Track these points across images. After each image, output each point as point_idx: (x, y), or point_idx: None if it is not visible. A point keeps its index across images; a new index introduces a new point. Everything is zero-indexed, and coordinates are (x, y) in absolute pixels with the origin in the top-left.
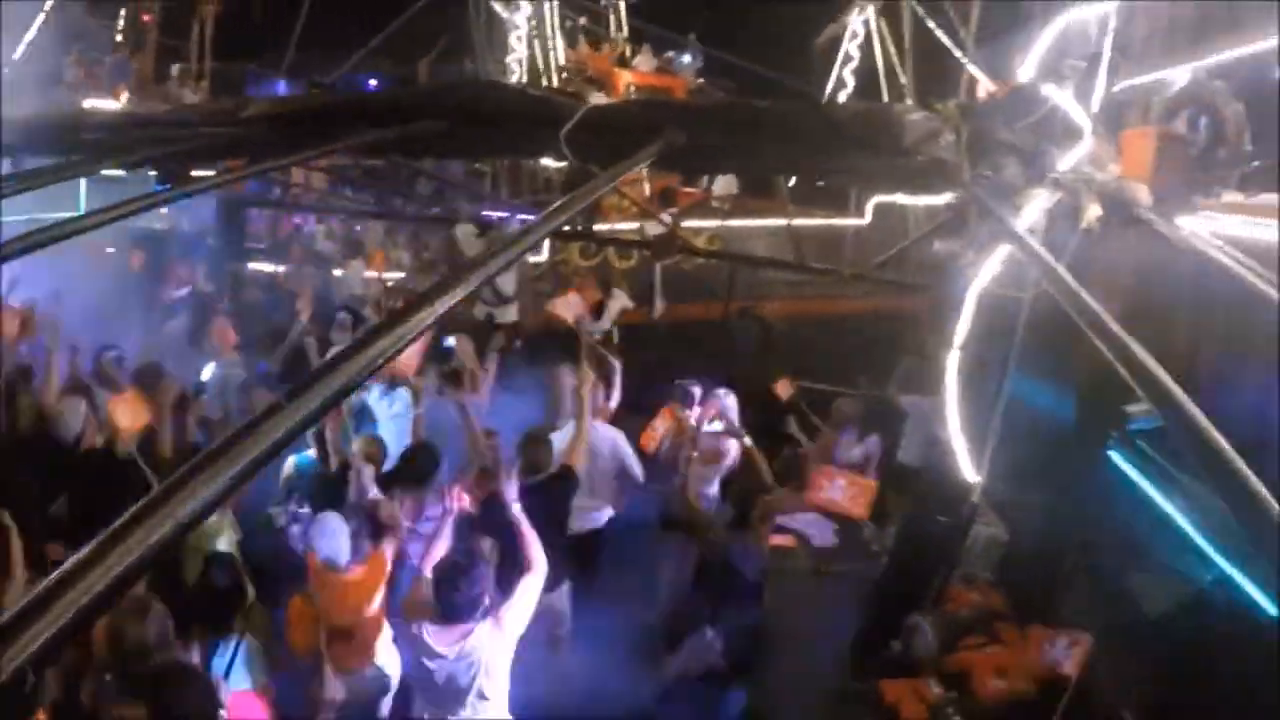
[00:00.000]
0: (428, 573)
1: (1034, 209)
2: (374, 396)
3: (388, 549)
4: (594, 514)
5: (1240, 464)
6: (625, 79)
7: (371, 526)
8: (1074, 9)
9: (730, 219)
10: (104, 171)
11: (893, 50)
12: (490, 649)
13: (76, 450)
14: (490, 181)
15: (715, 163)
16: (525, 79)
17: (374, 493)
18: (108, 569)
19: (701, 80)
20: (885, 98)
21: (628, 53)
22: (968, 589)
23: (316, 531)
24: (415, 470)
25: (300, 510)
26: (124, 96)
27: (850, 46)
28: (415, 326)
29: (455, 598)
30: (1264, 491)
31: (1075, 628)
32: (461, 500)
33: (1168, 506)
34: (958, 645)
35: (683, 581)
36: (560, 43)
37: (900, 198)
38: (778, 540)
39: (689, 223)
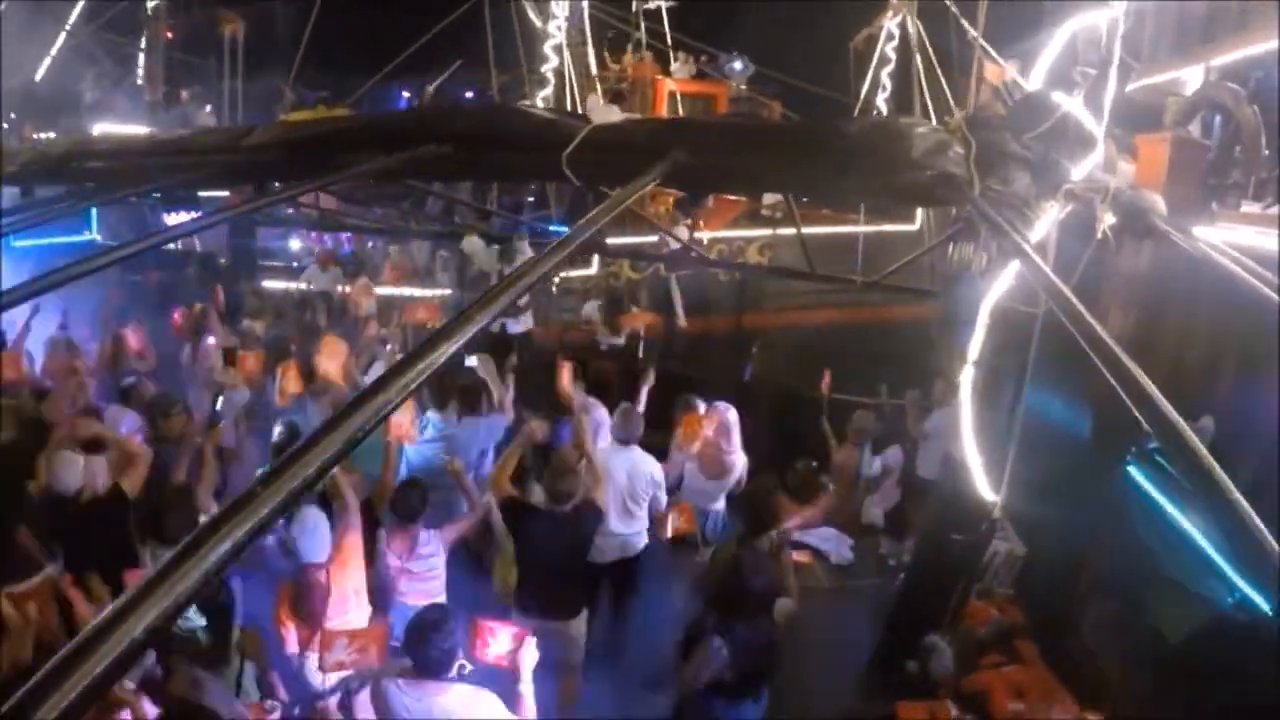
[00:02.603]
0: None
1: (1045, 222)
2: None
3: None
4: (631, 539)
5: (1234, 493)
6: (669, 87)
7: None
8: (1082, 14)
9: (779, 228)
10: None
11: (932, 53)
12: (472, 710)
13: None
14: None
15: (723, 182)
16: (557, 90)
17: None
18: (133, 626)
19: (745, 88)
20: (925, 101)
21: (673, 61)
22: (986, 604)
23: (298, 530)
24: (404, 507)
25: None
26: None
27: (886, 49)
28: (444, 353)
29: (428, 653)
30: (1258, 522)
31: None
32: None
33: (1186, 524)
34: (976, 663)
35: (692, 595)
36: (590, 53)
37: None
38: (795, 557)
39: (738, 233)
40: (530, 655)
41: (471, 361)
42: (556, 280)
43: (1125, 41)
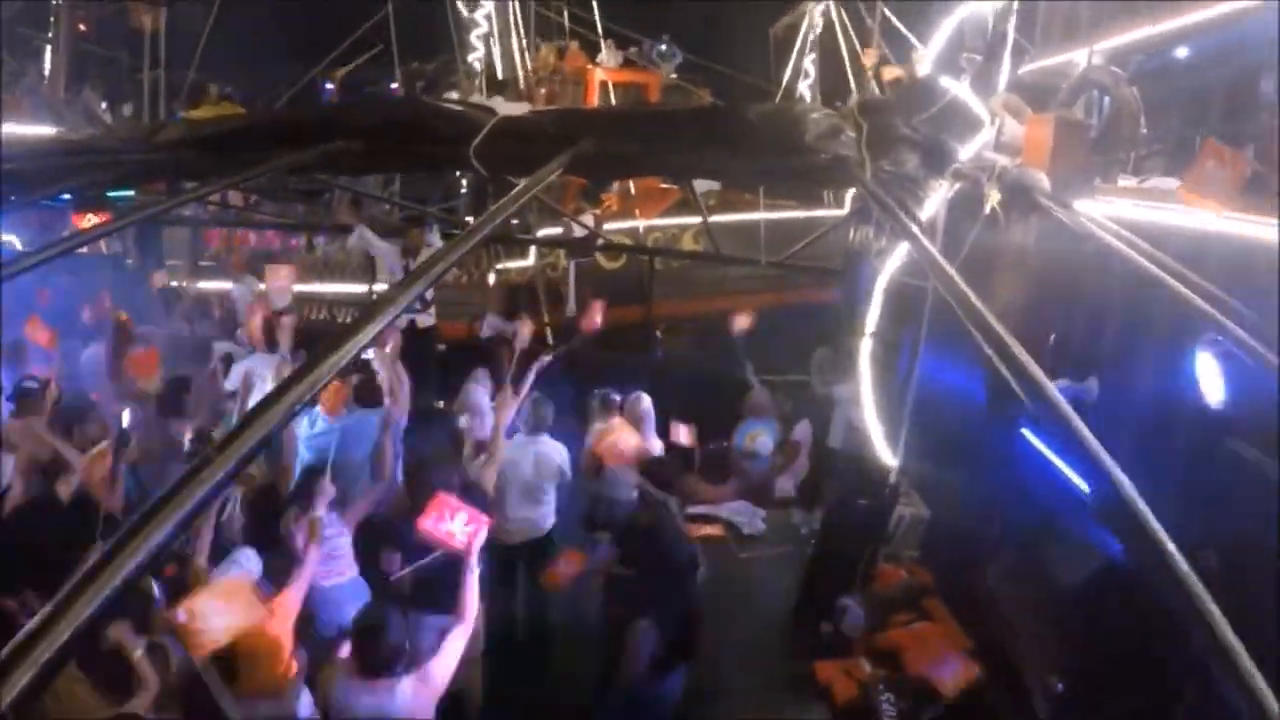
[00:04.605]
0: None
1: (934, 200)
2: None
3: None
4: (538, 521)
5: (1101, 451)
6: (599, 77)
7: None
8: (967, 4)
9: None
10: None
11: (855, 40)
12: (413, 707)
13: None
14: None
15: (630, 168)
16: (486, 80)
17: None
18: (66, 626)
19: (675, 76)
20: (852, 88)
21: (603, 51)
22: (895, 567)
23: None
24: (305, 492)
25: None
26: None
27: (811, 36)
28: (366, 336)
29: (374, 650)
30: (1123, 477)
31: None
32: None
33: (1077, 479)
34: (888, 622)
35: (616, 580)
36: (517, 42)
37: None
38: (707, 530)
39: (672, 220)
40: (480, 540)
41: (369, 354)
42: (494, 270)
43: (1018, 26)
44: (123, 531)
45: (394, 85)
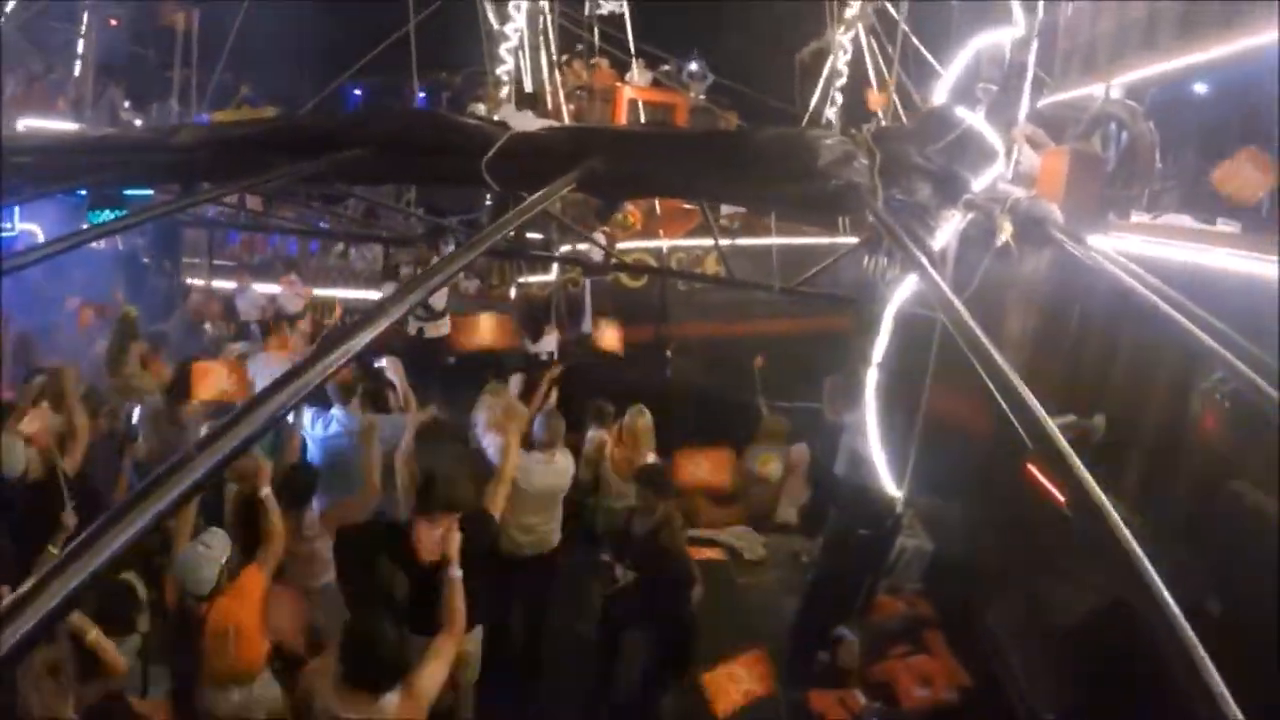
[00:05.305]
0: None
1: (946, 231)
2: (305, 419)
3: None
4: (546, 535)
5: (1103, 502)
6: (627, 95)
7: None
8: (987, 32)
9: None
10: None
11: (884, 68)
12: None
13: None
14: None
15: (637, 188)
16: (516, 92)
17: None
18: (42, 605)
19: (703, 98)
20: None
21: (633, 69)
22: (895, 599)
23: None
24: (292, 489)
25: None
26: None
27: (839, 63)
28: (359, 343)
29: (363, 663)
30: (1123, 529)
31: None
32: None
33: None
34: (886, 654)
35: (613, 592)
36: (546, 57)
37: None
38: (708, 554)
39: (695, 241)
40: (455, 541)
41: (381, 362)
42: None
43: (1037, 59)
44: (93, 527)
45: (421, 94)
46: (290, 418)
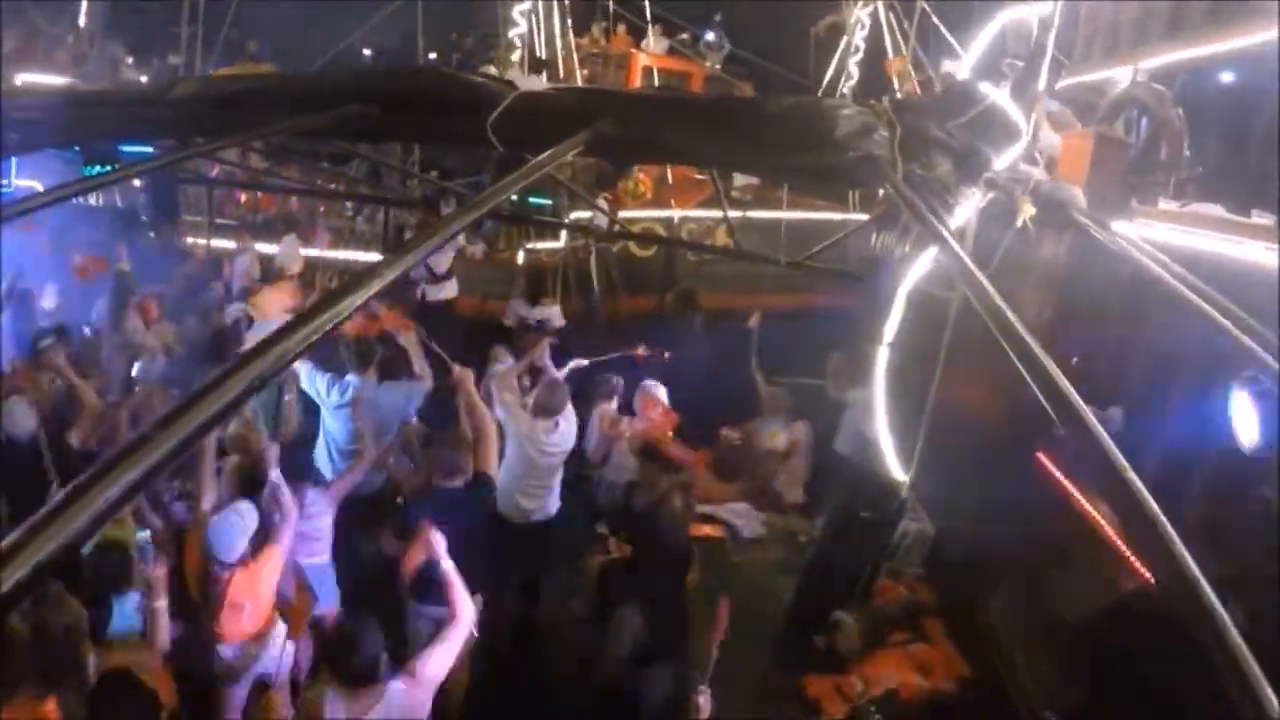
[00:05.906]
0: None
1: (966, 208)
2: (321, 386)
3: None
4: (547, 503)
5: (1138, 484)
6: (642, 62)
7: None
8: (1012, 7)
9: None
10: None
11: (901, 42)
12: (405, 706)
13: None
14: None
15: (651, 154)
16: (529, 58)
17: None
18: (28, 558)
19: (718, 68)
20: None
21: (649, 36)
22: (896, 584)
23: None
24: (294, 465)
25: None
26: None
27: (856, 38)
28: (348, 307)
29: (352, 662)
30: (1155, 509)
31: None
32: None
33: (1093, 510)
34: (884, 639)
35: (608, 565)
36: (560, 20)
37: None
38: (706, 530)
39: (706, 212)
40: (439, 540)
41: (393, 331)
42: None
43: (1057, 39)
44: (92, 472)
45: (432, 55)
46: (285, 386)
